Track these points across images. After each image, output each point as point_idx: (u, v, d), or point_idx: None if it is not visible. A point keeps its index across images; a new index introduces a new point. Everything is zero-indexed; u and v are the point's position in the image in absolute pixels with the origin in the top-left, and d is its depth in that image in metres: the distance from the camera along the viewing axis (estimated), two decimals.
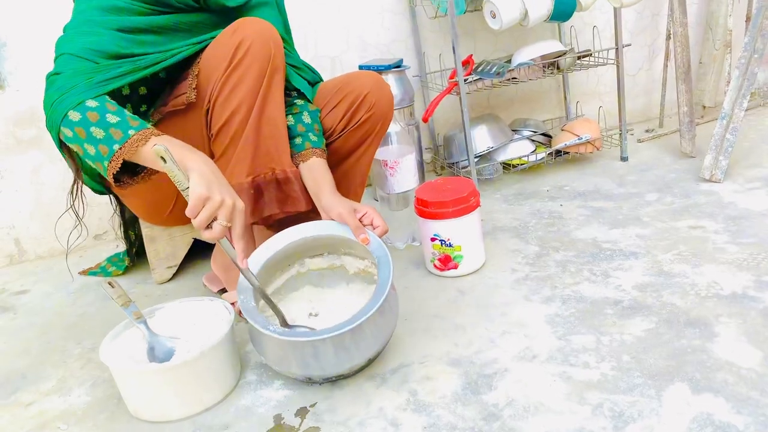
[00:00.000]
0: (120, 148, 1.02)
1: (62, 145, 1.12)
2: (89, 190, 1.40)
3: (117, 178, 1.08)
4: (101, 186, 1.39)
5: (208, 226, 1.00)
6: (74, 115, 1.03)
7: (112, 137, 1.03)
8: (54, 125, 1.06)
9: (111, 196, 1.48)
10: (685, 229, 1.48)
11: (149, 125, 1.05)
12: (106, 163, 1.04)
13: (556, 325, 1.16)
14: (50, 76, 1.09)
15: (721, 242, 1.39)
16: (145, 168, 1.16)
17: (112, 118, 1.03)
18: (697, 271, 1.28)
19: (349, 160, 1.41)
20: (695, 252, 1.37)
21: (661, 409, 0.92)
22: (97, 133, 1.03)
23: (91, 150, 1.04)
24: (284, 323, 1.11)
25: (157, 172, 1.14)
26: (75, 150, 1.07)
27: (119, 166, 1.04)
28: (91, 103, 1.04)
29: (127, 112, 1.05)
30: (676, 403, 0.92)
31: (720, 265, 1.29)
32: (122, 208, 1.58)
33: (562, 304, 1.23)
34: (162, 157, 0.96)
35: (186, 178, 0.99)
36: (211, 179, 1.00)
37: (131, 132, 1.03)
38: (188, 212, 0.98)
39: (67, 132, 1.04)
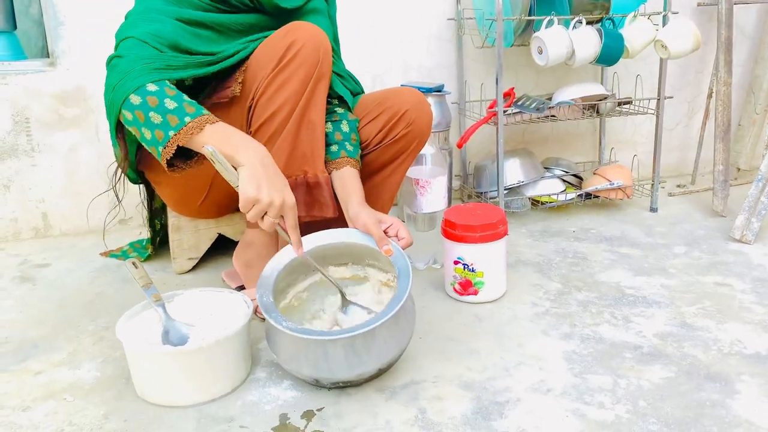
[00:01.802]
0: (175, 135, 1.04)
1: (117, 131, 1.14)
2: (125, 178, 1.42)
3: (170, 162, 1.10)
4: (137, 175, 1.40)
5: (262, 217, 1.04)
6: (135, 99, 1.05)
7: (168, 123, 1.04)
8: (114, 108, 1.08)
9: (143, 185, 1.50)
10: (711, 285, 1.46)
11: (205, 111, 1.07)
12: (160, 149, 1.05)
13: (572, 362, 1.15)
14: (112, 59, 1.11)
15: (747, 302, 1.37)
16: (198, 153, 1.18)
17: (170, 104, 1.05)
18: (721, 327, 1.26)
19: (382, 173, 1.41)
20: (720, 308, 1.34)
21: None
22: (155, 118, 1.04)
23: (147, 134, 1.06)
24: (345, 299, 1.16)
25: None
26: (133, 133, 1.09)
27: (173, 152, 1.05)
28: (152, 87, 1.05)
29: (185, 98, 1.07)
30: None
31: (745, 324, 1.27)
32: (151, 197, 1.59)
33: (581, 342, 1.22)
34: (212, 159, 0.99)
35: (237, 176, 1.01)
36: (260, 177, 1.02)
37: (187, 119, 1.04)
38: (240, 208, 1.02)
39: (127, 115, 1.06)
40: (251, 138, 1.07)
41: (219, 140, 1.04)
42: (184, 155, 1.12)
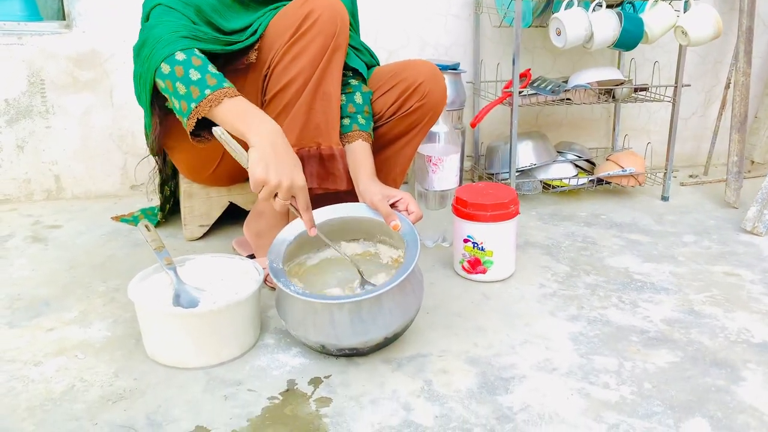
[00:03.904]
0: (196, 107, 1.04)
1: (152, 100, 1.15)
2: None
3: (197, 134, 1.10)
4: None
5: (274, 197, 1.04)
6: (165, 68, 1.05)
7: (191, 95, 1.04)
8: (149, 77, 1.08)
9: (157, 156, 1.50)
10: (720, 275, 1.46)
11: (227, 84, 1.06)
12: (185, 120, 1.06)
13: (579, 343, 1.15)
14: (145, 30, 1.11)
15: (756, 292, 1.37)
16: None
17: (194, 75, 1.05)
18: (728, 316, 1.26)
19: (394, 146, 1.41)
20: (728, 297, 1.34)
21: None
22: (181, 88, 1.05)
23: (176, 104, 1.07)
24: (363, 279, 1.15)
25: None
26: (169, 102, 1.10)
27: (194, 124, 1.06)
28: (180, 56, 1.05)
29: (210, 68, 1.06)
30: None
31: (753, 314, 1.27)
32: (163, 165, 1.59)
33: (588, 324, 1.22)
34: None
35: (246, 157, 1.02)
36: (269, 158, 1.01)
37: (207, 92, 1.04)
38: (251, 189, 1.03)
39: (160, 83, 1.07)
40: (267, 116, 1.06)
41: (234, 115, 1.04)
42: (210, 126, 1.12)
